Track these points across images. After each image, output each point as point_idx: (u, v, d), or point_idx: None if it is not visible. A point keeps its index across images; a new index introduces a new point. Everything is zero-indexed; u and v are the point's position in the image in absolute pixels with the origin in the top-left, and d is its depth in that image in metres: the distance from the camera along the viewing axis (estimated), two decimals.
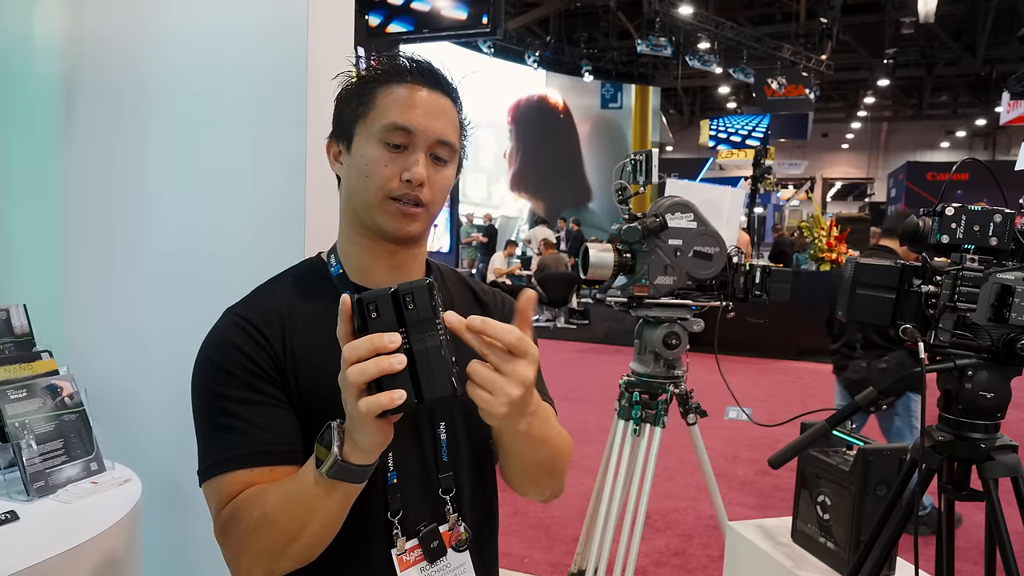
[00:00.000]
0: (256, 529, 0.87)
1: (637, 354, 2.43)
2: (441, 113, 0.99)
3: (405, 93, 0.98)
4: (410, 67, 0.99)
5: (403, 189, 0.96)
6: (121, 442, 1.57)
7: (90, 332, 1.93)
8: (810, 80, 17.44)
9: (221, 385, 0.95)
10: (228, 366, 0.95)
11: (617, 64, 18.95)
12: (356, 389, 0.75)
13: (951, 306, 1.23)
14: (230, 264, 1.84)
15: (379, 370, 0.75)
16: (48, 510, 1.32)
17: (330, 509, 0.85)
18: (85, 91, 1.93)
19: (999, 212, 1.24)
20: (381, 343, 0.75)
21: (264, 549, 0.88)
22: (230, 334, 0.97)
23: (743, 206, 8.49)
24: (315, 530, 0.87)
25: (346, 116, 1.01)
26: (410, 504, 1.02)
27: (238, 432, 0.93)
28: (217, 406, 0.95)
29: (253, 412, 0.94)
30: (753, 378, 6.95)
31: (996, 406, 1.26)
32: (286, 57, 1.76)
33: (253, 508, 0.89)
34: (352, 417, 0.78)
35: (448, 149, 1.00)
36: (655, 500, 3.75)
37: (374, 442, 0.80)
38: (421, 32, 9.73)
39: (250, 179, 1.84)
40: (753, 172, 10.24)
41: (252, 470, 0.92)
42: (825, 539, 1.73)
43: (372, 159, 0.97)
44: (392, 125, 0.96)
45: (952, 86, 24.20)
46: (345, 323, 0.78)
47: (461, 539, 1.04)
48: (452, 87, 1.02)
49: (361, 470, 0.82)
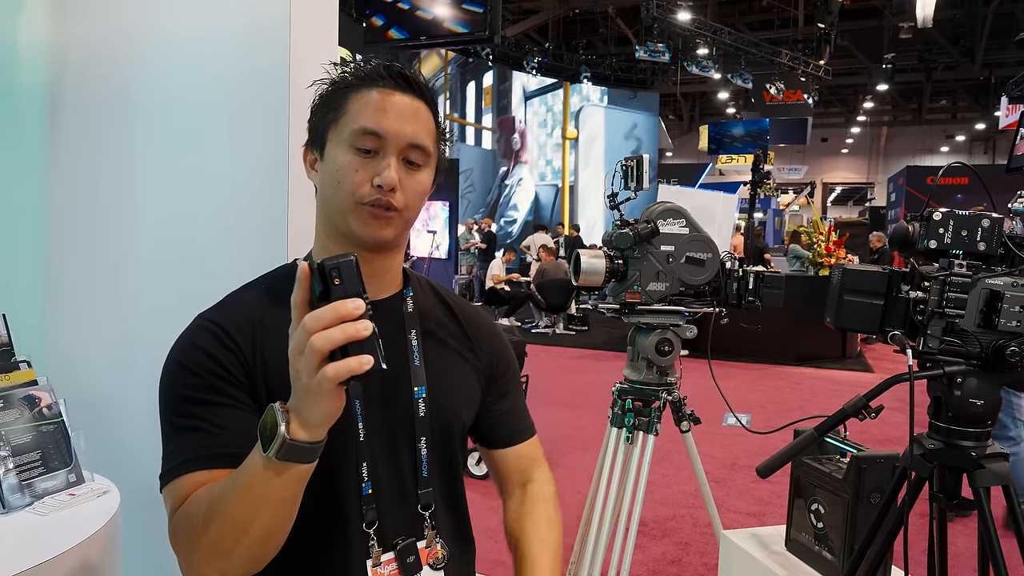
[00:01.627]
0: (206, 524, 0.84)
1: (630, 361, 2.41)
2: (413, 117, 0.97)
3: (376, 97, 0.97)
4: (382, 71, 0.98)
5: (374, 194, 0.95)
6: (102, 452, 1.55)
7: (71, 342, 1.92)
8: (809, 85, 17.46)
9: (185, 387, 0.94)
10: (193, 367, 0.94)
11: (616, 71, 18.99)
12: (320, 357, 0.73)
13: (939, 312, 1.21)
14: (213, 272, 1.83)
15: (345, 336, 0.73)
16: (24, 522, 1.30)
17: (280, 495, 0.82)
18: (69, 99, 1.92)
19: (987, 217, 1.22)
20: (346, 310, 0.73)
21: (214, 544, 0.85)
22: (197, 338, 0.97)
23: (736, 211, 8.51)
24: (265, 521, 0.83)
25: (319, 123, 1.00)
26: (387, 516, 1.00)
27: (200, 432, 0.92)
28: (180, 408, 0.94)
29: (215, 414, 0.92)
30: (752, 384, 6.92)
31: (986, 413, 1.24)
32: (269, 63, 1.75)
33: (203, 503, 0.86)
34: (307, 388, 0.75)
35: (421, 153, 0.98)
36: (652, 508, 3.72)
37: (327, 413, 0.77)
38: (418, 39, 9.76)
39: (232, 186, 1.83)
40: (752, 177, 10.25)
41: (211, 471, 0.90)
42: (819, 547, 1.71)
43: (343, 165, 0.96)
44: (362, 130, 0.95)
45: (951, 90, 24.25)
46: (303, 290, 0.76)
47: (439, 557, 1.03)
48: (427, 90, 1.01)
49: (311, 447, 0.79)
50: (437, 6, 9.70)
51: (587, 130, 18.95)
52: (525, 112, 18.38)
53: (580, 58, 18.14)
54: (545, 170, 18.77)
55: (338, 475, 0.98)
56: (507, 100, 17.83)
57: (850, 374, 7.68)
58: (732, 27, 16.94)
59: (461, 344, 1.13)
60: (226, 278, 1.81)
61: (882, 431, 5.17)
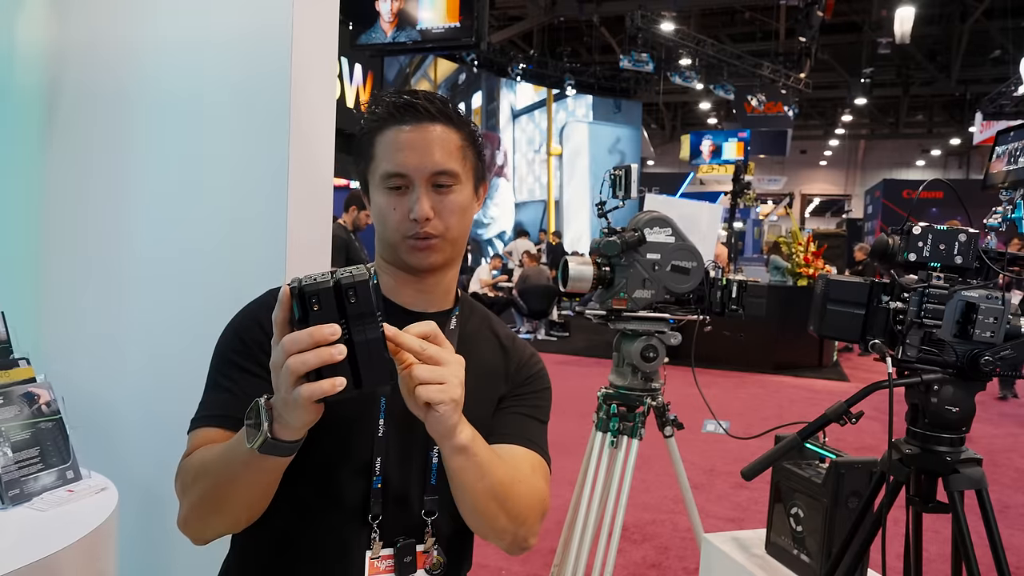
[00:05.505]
0: (195, 481, 0.95)
1: (615, 367, 2.45)
2: (431, 145, 1.02)
3: (392, 137, 1.03)
4: (391, 110, 1.03)
5: (413, 228, 1.02)
6: (97, 450, 1.56)
7: (67, 340, 1.92)
8: (789, 97, 17.71)
9: (232, 351, 1.05)
10: (244, 336, 1.04)
11: (600, 79, 19.11)
12: (294, 377, 0.79)
13: (918, 322, 1.26)
14: (209, 272, 1.85)
15: (320, 361, 0.78)
16: (23, 518, 1.31)
17: (256, 479, 0.91)
18: (67, 99, 1.93)
19: (964, 232, 1.27)
20: (321, 335, 0.78)
21: (197, 500, 0.95)
22: (259, 311, 1.06)
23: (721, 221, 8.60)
24: (241, 495, 0.93)
25: (360, 172, 1.09)
26: (390, 514, 1.04)
27: (230, 394, 1.01)
28: (222, 369, 1.04)
29: (248, 383, 1.01)
30: (731, 391, 7.00)
31: (961, 420, 1.29)
32: (270, 67, 1.77)
33: (199, 461, 0.96)
34: (286, 401, 0.81)
35: (448, 176, 1.03)
36: (633, 512, 3.76)
37: (305, 422, 0.84)
38: (403, 44, 9.78)
39: (232, 189, 1.85)
40: (733, 187, 10.37)
41: (225, 431, 0.99)
42: (798, 551, 1.75)
43: (382, 206, 1.04)
44: (386, 174, 1.03)
45: (927, 105, 24.63)
46: (284, 310, 0.82)
47: (435, 563, 1.07)
48: (441, 112, 1.04)
49: (290, 445, 0.86)
50: (424, 11, 9.74)
51: (571, 145, 19.00)
52: (513, 130, 18.40)
53: (564, 66, 18.21)
54: (533, 186, 18.82)
55: (352, 463, 1.03)
56: (495, 119, 17.85)
57: (827, 383, 7.80)
58: (715, 39, 17.11)
59: (497, 370, 1.15)
60: (222, 279, 1.84)
61: (858, 439, 5.26)
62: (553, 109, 18.82)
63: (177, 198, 1.89)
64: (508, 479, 1.00)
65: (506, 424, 1.12)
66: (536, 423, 1.15)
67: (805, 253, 8.61)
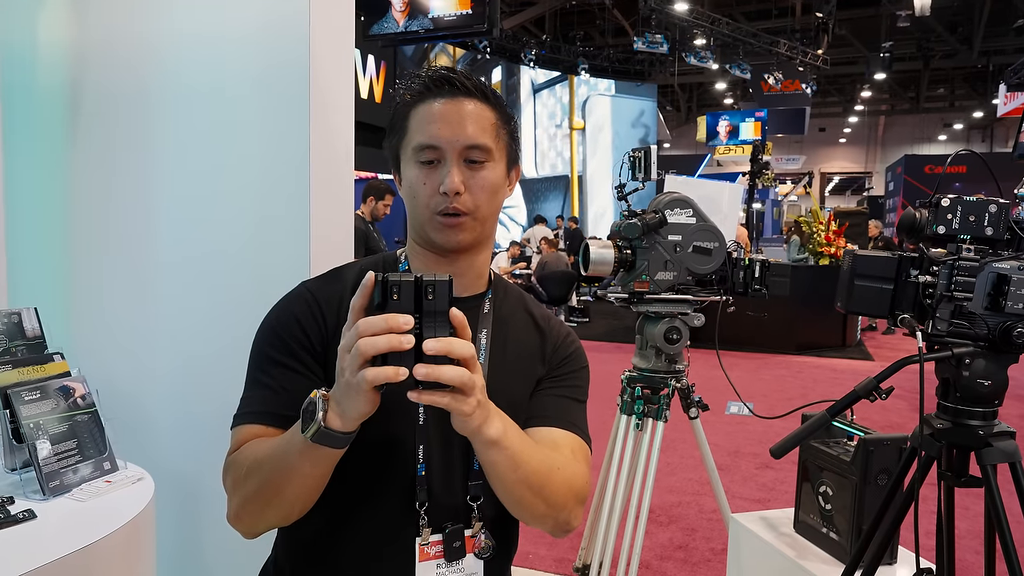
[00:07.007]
0: (247, 476, 0.96)
1: (639, 349, 2.45)
2: (464, 119, 1.02)
3: (426, 110, 1.03)
4: (428, 83, 1.03)
5: (443, 203, 1.02)
6: (130, 443, 1.59)
7: (97, 335, 1.95)
8: (807, 75, 17.46)
9: (270, 347, 1.05)
10: (281, 332, 1.05)
11: (613, 62, 18.97)
12: (363, 359, 0.80)
13: (948, 296, 1.25)
14: (235, 267, 1.86)
15: (388, 346, 0.79)
16: (64, 508, 1.34)
17: (309, 470, 0.92)
18: (89, 99, 1.94)
19: (994, 202, 1.26)
20: (396, 323, 0.80)
21: (251, 495, 0.96)
22: (294, 305, 1.06)
23: (741, 201, 8.53)
24: (295, 487, 0.93)
25: (392, 147, 1.08)
26: (436, 500, 1.05)
27: (270, 390, 1.02)
28: (261, 365, 1.05)
29: (287, 378, 1.02)
30: (754, 373, 6.97)
31: (993, 393, 1.28)
32: (288, 58, 1.78)
33: (249, 456, 0.97)
34: (348, 384, 0.82)
35: (481, 151, 1.03)
36: (658, 495, 3.77)
37: (361, 410, 0.84)
38: (416, 33, 9.76)
39: (255, 183, 1.86)
40: (751, 167, 10.28)
41: (267, 427, 1.00)
42: (827, 529, 1.75)
43: (413, 180, 1.04)
44: (419, 145, 1.02)
45: (949, 79, 24.22)
46: (363, 297, 0.83)
47: (483, 547, 1.08)
48: (477, 88, 1.05)
49: (342, 436, 0.87)
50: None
51: (594, 119, 18.93)
52: (534, 105, 18.32)
53: (578, 50, 18.10)
54: (556, 161, 18.75)
55: (396, 451, 1.04)
56: (516, 94, 17.78)
57: (851, 362, 7.73)
58: (730, 17, 16.91)
59: (534, 352, 1.15)
60: (247, 274, 1.86)
61: (884, 417, 5.23)
62: (575, 83, 18.73)
63: (200, 193, 1.90)
64: (544, 468, 1.00)
65: (545, 407, 1.11)
66: (575, 403, 1.15)
67: (826, 232, 8.51)
